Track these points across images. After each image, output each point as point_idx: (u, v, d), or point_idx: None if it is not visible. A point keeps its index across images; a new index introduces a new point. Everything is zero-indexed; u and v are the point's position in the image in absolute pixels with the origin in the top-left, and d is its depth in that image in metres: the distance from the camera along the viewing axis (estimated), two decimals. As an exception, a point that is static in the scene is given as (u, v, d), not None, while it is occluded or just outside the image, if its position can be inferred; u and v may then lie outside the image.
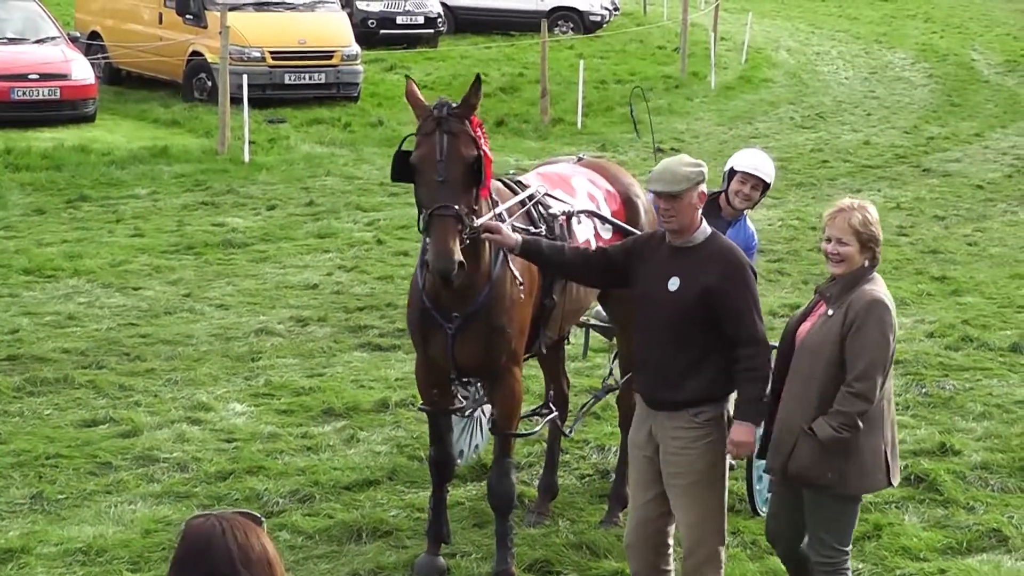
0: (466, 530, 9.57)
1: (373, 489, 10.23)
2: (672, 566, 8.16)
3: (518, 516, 9.77)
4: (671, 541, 8.11)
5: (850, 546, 7.70)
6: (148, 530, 9.40)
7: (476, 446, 10.62)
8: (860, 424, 7.29)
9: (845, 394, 7.26)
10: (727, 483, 7.97)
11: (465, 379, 9.19)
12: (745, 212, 10.23)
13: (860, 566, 9.11)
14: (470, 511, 9.88)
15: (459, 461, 10.37)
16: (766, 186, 10.13)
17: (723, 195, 10.18)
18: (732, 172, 10.16)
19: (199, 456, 10.74)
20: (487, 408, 10.27)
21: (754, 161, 10.13)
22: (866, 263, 7.43)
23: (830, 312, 7.40)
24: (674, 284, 7.66)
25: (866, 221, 7.39)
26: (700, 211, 7.73)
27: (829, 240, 7.46)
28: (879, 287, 7.45)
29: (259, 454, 10.78)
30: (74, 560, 9.03)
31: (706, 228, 7.79)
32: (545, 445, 10.33)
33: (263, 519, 4.18)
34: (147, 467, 10.55)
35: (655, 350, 7.76)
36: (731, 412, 7.91)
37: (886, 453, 7.49)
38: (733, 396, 7.95)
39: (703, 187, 7.71)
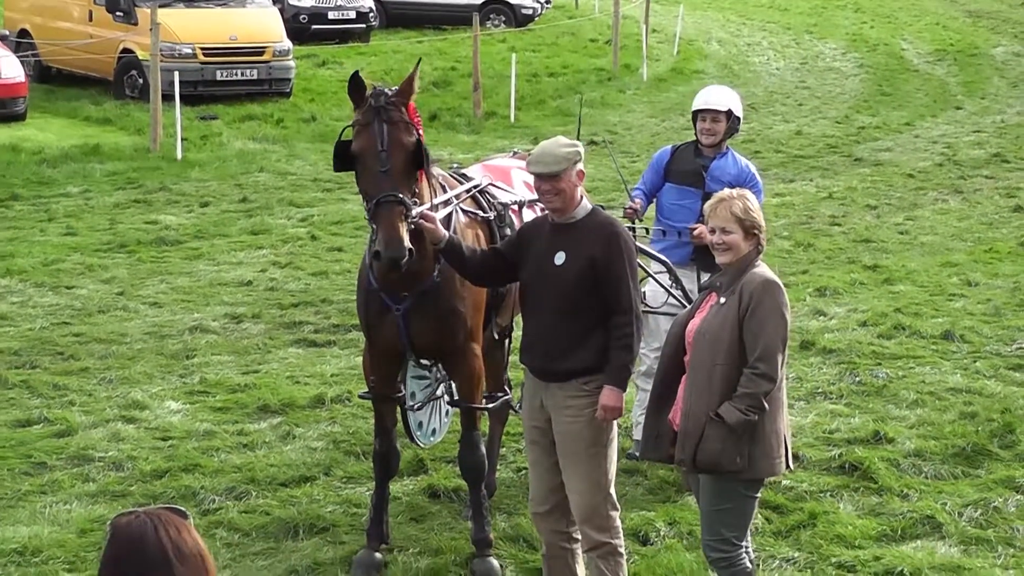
0: (403, 525, 9.57)
1: (310, 485, 10.21)
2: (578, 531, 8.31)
3: (456, 510, 9.80)
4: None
5: (745, 541, 7.70)
6: (84, 530, 9.35)
7: (434, 430, 10.61)
8: (766, 405, 7.34)
9: (750, 376, 7.30)
10: (616, 450, 8.16)
11: (424, 361, 9.23)
12: (729, 148, 10.80)
13: (795, 555, 9.18)
14: (407, 506, 9.88)
15: (423, 441, 10.38)
16: (729, 115, 10.67)
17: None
18: (694, 116, 10.85)
19: (134, 455, 10.69)
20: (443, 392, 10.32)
21: (705, 97, 10.83)
22: (752, 250, 7.52)
23: (722, 300, 7.47)
24: (560, 258, 7.92)
25: (747, 208, 7.50)
26: (579, 188, 7.99)
27: (714, 231, 7.56)
28: (768, 270, 7.57)
29: (195, 452, 10.74)
30: (9, 561, 8.96)
31: (587, 204, 8.05)
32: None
33: (189, 514, 4.15)
34: (82, 466, 10.50)
35: (544, 323, 7.98)
36: None
37: (784, 436, 7.58)
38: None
39: (580, 165, 7.96)
